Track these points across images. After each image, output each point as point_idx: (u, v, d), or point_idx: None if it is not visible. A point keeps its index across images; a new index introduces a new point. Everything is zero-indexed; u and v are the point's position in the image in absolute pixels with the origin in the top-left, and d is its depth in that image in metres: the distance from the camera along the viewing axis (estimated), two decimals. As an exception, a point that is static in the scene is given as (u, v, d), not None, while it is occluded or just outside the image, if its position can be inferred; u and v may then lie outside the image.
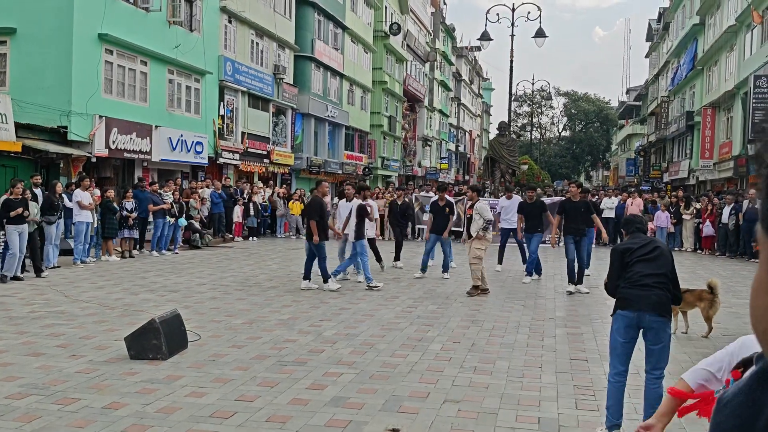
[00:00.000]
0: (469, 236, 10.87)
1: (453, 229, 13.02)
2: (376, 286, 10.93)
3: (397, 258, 14.19)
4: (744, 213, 16.80)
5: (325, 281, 10.81)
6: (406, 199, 18.03)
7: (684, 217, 20.05)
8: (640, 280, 4.53)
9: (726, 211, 17.91)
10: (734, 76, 29.17)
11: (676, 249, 20.07)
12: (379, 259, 13.55)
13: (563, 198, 14.19)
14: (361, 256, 11.27)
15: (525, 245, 13.23)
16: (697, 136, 35.50)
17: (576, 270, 11.22)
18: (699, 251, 19.40)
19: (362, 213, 11.23)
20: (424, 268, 12.58)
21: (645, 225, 5.03)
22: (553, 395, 5.56)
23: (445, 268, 12.61)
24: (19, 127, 15.76)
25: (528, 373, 6.24)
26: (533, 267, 12.65)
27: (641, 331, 4.59)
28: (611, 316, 4.74)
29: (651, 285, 4.50)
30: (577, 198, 11.36)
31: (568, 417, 5.04)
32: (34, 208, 11.83)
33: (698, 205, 19.96)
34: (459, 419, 4.92)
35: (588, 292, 11.15)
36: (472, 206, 11.12)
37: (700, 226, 19.54)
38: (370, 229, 12.59)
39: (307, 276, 10.93)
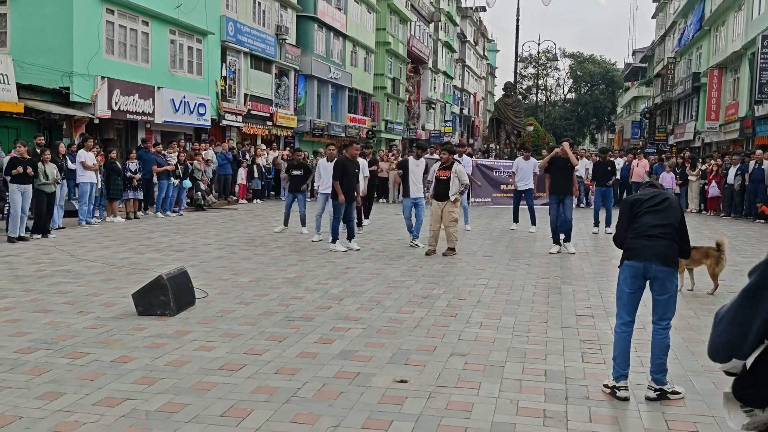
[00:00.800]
0: (438, 197, 10.43)
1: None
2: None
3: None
4: (750, 174, 16.71)
5: (333, 241, 10.85)
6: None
7: (690, 178, 19.96)
8: (647, 231, 4.52)
9: (732, 171, 17.81)
10: (742, 37, 28.75)
11: (681, 210, 20.04)
12: (360, 221, 13.56)
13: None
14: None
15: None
16: (703, 97, 35.15)
17: (566, 229, 11.14)
18: (704, 212, 19.36)
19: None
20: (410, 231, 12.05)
21: (659, 184, 5.04)
22: (559, 349, 5.59)
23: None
24: (21, 88, 15.66)
25: (534, 328, 6.26)
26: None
27: (648, 281, 4.59)
28: (618, 267, 4.73)
29: (657, 236, 4.50)
30: (565, 156, 11.19)
31: (574, 369, 5.07)
32: (53, 170, 11.82)
33: (704, 167, 19.86)
34: (466, 371, 4.96)
35: (574, 253, 11.05)
36: (445, 168, 10.49)
37: (706, 187, 19.47)
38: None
39: (334, 238, 10.87)
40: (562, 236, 11.23)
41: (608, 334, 6.07)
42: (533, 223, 13.98)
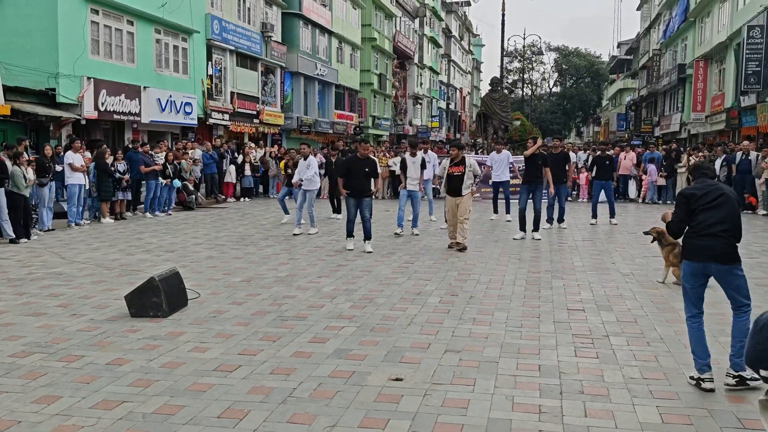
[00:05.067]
0: (452, 193, 10.72)
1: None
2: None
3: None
4: (737, 164, 16.85)
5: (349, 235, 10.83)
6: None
7: (679, 171, 20.10)
8: (704, 230, 4.61)
9: (717, 163, 17.95)
10: (727, 28, 28.94)
11: (668, 202, 20.20)
12: (338, 210, 14.87)
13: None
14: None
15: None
16: (688, 89, 35.39)
17: (534, 218, 12.04)
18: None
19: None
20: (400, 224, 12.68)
21: (712, 171, 5.06)
22: (552, 344, 5.63)
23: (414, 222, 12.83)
24: (7, 90, 15.54)
25: (526, 323, 6.30)
26: (563, 215, 13.75)
27: (711, 277, 4.71)
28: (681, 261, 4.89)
29: (715, 234, 4.59)
30: (535, 152, 12.16)
31: (567, 364, 5.11)
32: (31, 173, 11.76)
33: (693, 159, 19.99)
34: (461, 368, 4.99)
35: (539, 239, 11.83)
36: (457, 164, 10.73)
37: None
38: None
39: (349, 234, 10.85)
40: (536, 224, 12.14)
41: (600, 328, 6.13)
42: (507, 211, 14.92)
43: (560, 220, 13.75)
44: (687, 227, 4.75)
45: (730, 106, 27.88)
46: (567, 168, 13.55)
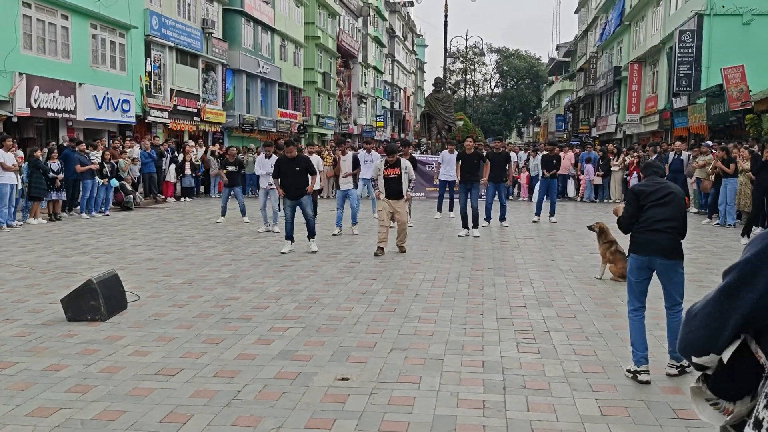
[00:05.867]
0: (389, 196, 10.32)
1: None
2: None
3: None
4: (670, 164, 17.44)
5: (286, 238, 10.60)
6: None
7: (613, 169, 20.73)
8: (651, 225, 4.77)
9: (650, 163, 18.58)
10: (660, 32, 29.96)
11: (605, 200, 20.79)
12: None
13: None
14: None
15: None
16: (624, 90, 36.47)
17: (471, 215, 12.40)
18: (627, 202, 20.11)
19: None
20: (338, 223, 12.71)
21: (662, 170, 5.26)
22: (495, 340, 5.72)
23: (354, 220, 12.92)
24: (-70, 84, 14.83)
25: (470, 320, 6.39)
26: (505, 213, 14.15)
27: (654, 271, 4.86)
28: (627, 256, 5.06)
29: (662, 230, 4.75)
30: (470, 151, 12.62)
31: (510, 359, 5.20)
32: None
33: (628, 158, 20.63)
34: (406, 366, 5.02)
35: (478, 236, 12.19)
36: (392, 165, 10.38)
37: (628, 178, 20.25)
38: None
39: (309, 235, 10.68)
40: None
41: (541, 324, 6.26)
42: (450, 209, 15.42)
43: (502, 218, 14.00)
44: (636, 222, 4.92)
45: (663, 108, 28.87)
46: (508, 168, 13.90)
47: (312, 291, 7.61)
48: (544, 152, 17.06)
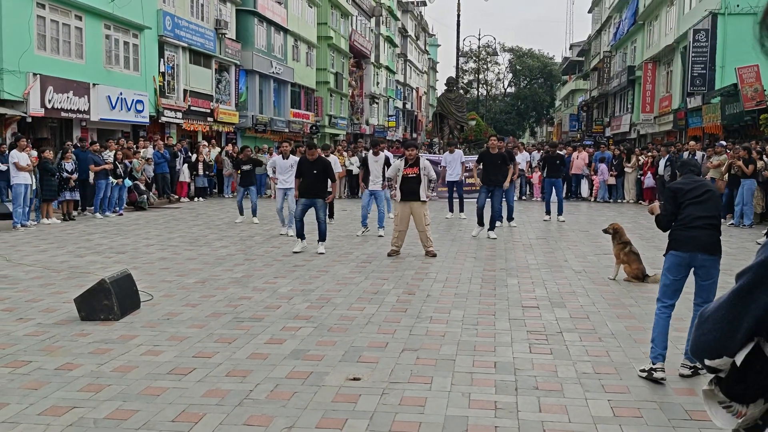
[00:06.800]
0: (405, 197, 10.06)
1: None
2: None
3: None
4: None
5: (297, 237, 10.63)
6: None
7: (626, 170, 20.60)
8: (691, 223, 4.82)
9: (662, 163, 18.46)
10: (674, 31, 29.74)
11: (618, 201, 20.67)
12: (331, 214, 14.06)
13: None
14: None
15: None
16: (638, 90, 36.22)
17: (491, 217, 12.21)
18: (641, 202, 20.00)
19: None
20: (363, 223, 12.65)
21: (698, 168, 5.30)
22: (507, 341, 5.70)
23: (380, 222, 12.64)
24: (-54, 85, 14.98)
25: (482, 320, 6.36)
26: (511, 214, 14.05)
27: (692, 269, 4.90)
28: (664, 255, 5.03)
29: (701, 227, 4.81)
30: (495, 150, 12.28)
31: (522, 360, 5.17)
32: None
33: (642, 158, 20.49)
34: (418, 366, 5.01)
35: (495, 238, 11.91)
36: (411, 165, 10.09)
37: (642, 178, 20.12)
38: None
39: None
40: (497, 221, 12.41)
41: (554, 325, 6.22)
42: (461, 210, 15.39)
43: (509, 218, 13.93)
44: (675, 222, 4.95)
45: (677, 108, 28.65)
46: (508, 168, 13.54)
47: (324, 291, 7.61)
48: (547, 152, 16.94)
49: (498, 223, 13.42)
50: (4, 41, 16.75)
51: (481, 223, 12.25)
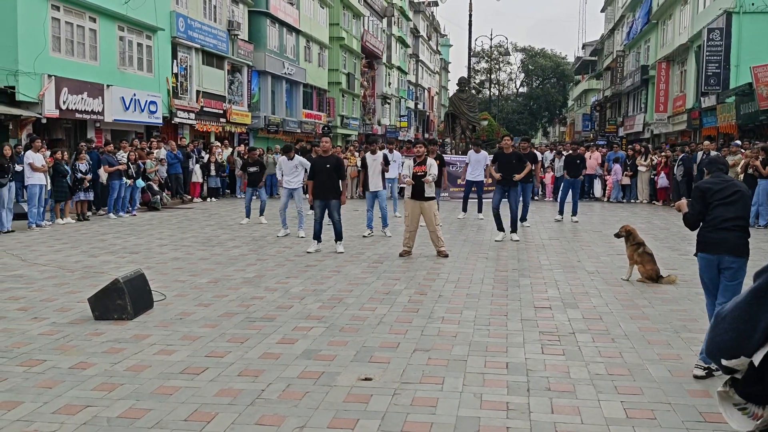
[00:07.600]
0: (414, 196, 10.00)
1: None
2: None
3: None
4: (698, 164, 17.19)
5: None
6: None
7: (640, 169, 20.48)
8: (720, 224, 4.81)
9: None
10: (688, 30, 29.52)
11: (632, 201, 20.55)
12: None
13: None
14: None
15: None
16: (651, 89, 36.01)
17: (511, 219, 11.92)
18: (655, 202, 19.88)
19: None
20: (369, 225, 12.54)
21: (727, 166, 5.25)
22: (519, 341, 5.68)
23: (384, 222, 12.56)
24: (-37, 87, 15.14)
25: (494, 321, 6.35)
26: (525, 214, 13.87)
27: (720, 268, 4.90)
28: (694, 255, 5.06)
29: (730, 228, 4.79)
30: (508, 150, 12.13)
31: (535, 361, 5.15)
32: None
33: (656, 158, 20.37)
34: (429, 367, 5.00)
35: (518, 240, 11.73)
36: (420, 163, 9.98)
37: (655, 178, 20.00)
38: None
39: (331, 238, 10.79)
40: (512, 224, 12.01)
41: (566, 325, 6.20)
42: (479, 210, 15.34)
43: (523, 218, 13.80)
44: (703, 223, 4.93)
45: (692, 107, 28.45)
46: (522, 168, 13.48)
47: (335, 291, 7.62)
48: (569, 152, 16.84)
49: (520, 223, 13.11)
50: (19, 43, 16.91)
51: (500, 227, 11.85)
